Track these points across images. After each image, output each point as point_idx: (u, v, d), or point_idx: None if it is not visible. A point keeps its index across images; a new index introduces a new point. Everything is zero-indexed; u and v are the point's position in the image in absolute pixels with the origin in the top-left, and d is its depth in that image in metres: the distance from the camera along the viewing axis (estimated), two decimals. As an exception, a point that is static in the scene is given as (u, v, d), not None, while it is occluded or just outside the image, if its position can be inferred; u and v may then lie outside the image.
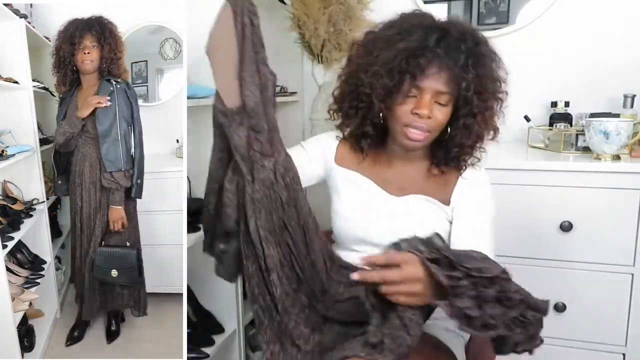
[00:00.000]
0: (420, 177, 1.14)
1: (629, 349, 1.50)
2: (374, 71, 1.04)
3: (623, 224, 1.44)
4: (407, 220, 1.10)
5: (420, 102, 1.02)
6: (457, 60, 0.99)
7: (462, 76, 1.00)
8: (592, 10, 1.88)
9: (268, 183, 0.99)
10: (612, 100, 1.84)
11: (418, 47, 1.00)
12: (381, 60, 1.03)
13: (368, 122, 1.10)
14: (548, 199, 1.50)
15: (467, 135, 1.07)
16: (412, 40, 1.00)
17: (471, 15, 2.06)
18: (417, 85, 1.01)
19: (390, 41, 1.03)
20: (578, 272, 1.51)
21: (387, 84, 1.02)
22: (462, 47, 1.00)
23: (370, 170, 1.16)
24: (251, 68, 0.98)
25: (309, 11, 1.78)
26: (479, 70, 1.01)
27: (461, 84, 1.00)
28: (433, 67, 1.00)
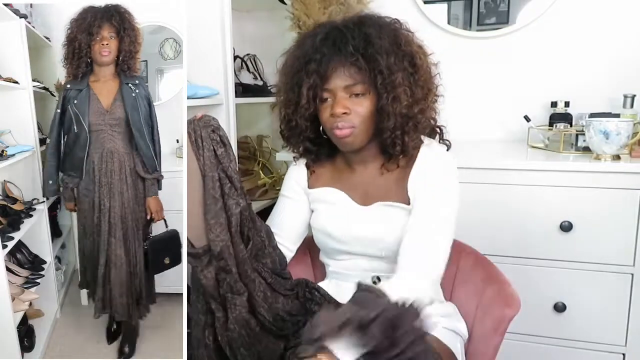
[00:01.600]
0: (378, 178, 1.13)
1: (629, 349, 1.50)
2: (285, 90, 1.10)
3: (623, 224, 1.44)
4: (377, 228, 1.10)
5: (333, 103, 1.04)
6: (346, 49, 1.00)
7: (354, 63, 1.00)
8: (592, 10, 1.87)
9: (242, 322, 0.94)
10: (612, 100, 1.84)
11: (307, 53, 1.04)
12: (289, 78, 1.09)
13: (303, 139, 1.14)
14: (548, 199, 1.50)
15: (388, 116, 1.02)
16: (303, 50, 1.05)
17: (471, 15, 2.06)
18: (326, 89, 1.04)
19: (289, 59, 1.10)
20: (578, 272, 1.51)
21: (294, 99, 1.07)
22: (348, 35, 1.01)
23: (339, 180, 1.17)
24: (214, 208, 0.94)
25: (309, 11, 1.78)
26: (368, 50, 1.00)
27: (364, 68, 1.00)
28: (330, 65, 1.01)
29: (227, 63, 1.65)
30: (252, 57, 2.24)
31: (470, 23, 2.07)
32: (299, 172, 1.23)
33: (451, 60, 1.13)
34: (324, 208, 1.17)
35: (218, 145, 0.97)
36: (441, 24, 2.03)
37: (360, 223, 1.11)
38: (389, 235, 1.08)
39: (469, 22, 2.07)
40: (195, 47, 1.62)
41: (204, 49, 1.63)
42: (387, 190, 1.11)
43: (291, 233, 1.21)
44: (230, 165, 0.98)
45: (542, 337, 1.58)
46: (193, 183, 0.96)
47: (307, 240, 1.28)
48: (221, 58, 1.63)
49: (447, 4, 2.08)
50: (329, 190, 1.17)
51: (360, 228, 1.11)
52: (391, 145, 1.06)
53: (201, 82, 1.63)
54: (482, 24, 2.05)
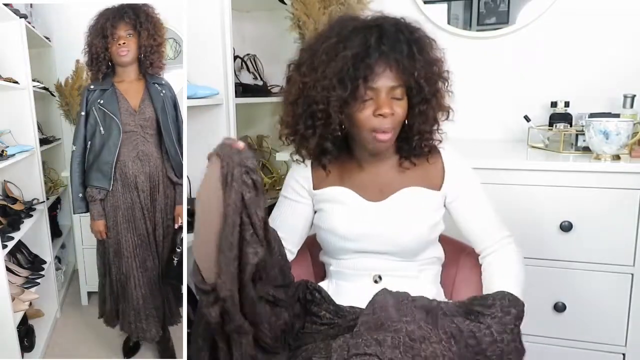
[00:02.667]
0: (396, 174, 1.15)
1: (629, 349, 1.50)
2: (324, 85, 1.02)
3: (623, 224, 1.44)
4: (391, 224, 1.10)
5: (379, 103, 1.02)
6: (402, 51, 1.00)
7: (412, 65, 1.01)
8: (592, 11, 1.87)
9: (248, 358, 0.91)
10: (612, 100, 1.84)
11: (362, 50, 1.00)
12: (330, 72, 1.01)
13: (328, 138, 1.09)
14: (548, 199, 1.50)
15: (424, 121, 1.08)
16: (354, 45, 1.00)
17: (471, 15, 2.06)
18: (372, 87, 1.02)
19: (333, 51, 1.02)
20: (578, 272, 1.51)
21: (342, 95, 1.01)
22: (402, 38, 1.01)
23: (348, 179, 1.16)
24: (228, 255, 0.83)
25: (309, 11, 1.78)
26: (423, 55, 1.03)
27: (412, 73, 1.02)
28: (381, 64, 1.01)
29: (227, 63, 1.65)
30: (252, 57, 2.23)
31: (470, 23, 2.07)
32: (302, 173, 1.20)
33: (451, 60, 1.13)
34: (332, 207, 1.15)
35: (248, 189, 0.85)
36: (441, 24, 2.03)
37: (375, 218, 1.11)
38: (406, 226, 1.10)
39: (469, 22, 2.07)
40: (195, 47, 1.62)
41: (204, 49, 1.63)
42: (406, 181, 1.13)
43: (294, 236, 1.20)
44: (257, 211, 0.86)
45: (542, 337, 1.58)
46: (211, 215, 0.85)
47: (308, 240, 1.28)
48: (221, 58, 1.63)
49: (447, 4, 2.08)
50: (337, 189, 1.16)
51: (375, 223, 1.11)
52: (419, 146, 1.11)
53: (201, 82, 1.63)
54: (482, 24, 2.05)
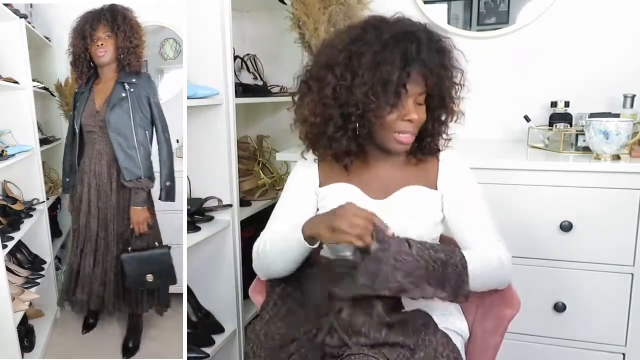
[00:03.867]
0: (401, 171, 1.16)
1: (629, 349, 1.50)
2: (364, 91, 1.03)
3: (623, 224, 1.44)
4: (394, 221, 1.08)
5: (408, 108, 1.06)
6: (434, 61, 1.04)
7: (443, 74, 1.06)
8: (592, 11, 1.88)
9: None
10: (612, 100, 1.84)
11: (404, 58, 1.02)
12: (374, 79, 1.02)
13: (353, 140, 1.10)
14: (548, 199, 1.50)
15: (440, 125, 1.15)
16: (396, 53, 1.02)
17: (471, 15, 2.06)
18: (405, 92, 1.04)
19: (375, 59, 1.02)
20: (578, 272, 1.51)
21: (386, 102, 1.03)
22: (435, 47, 1.05)
23: (354, 176, 1.17)
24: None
25: (309, 11, 1.78)
26: (449, 64, 1.08)
27: (440, 81, 1.06)
28: (416, 72, 1.03)
29: (227, 63, 1.65)
30: (252, 57, 2.23)
31: (470, 23, 2.07)
32: (308, 171, 1.21)
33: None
34: (337, 203, 1.13)
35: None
36: (441, 23, 2.03)
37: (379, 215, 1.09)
38: (409, 223, 1.10)
39: (469, 22, 2.07)
40: (195, 47, 1.62)
41: (204, 49, 1.63)
42: (410, 179, 1.15)
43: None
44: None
45: (542, 337, 1.58)
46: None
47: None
48: (221, 58, 1.63)
49: (447, 4, 2.08)
50: (342, 185, 1.17)
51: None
52: (428, 148, 1.16)
53: (201, 82, 1.63)
54: (482, 24, 2.05)
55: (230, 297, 1.78)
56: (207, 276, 1.78)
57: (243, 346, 1.83)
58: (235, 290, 1.77)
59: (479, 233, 1.12)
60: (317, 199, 1.21)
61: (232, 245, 1.75)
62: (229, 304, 1.78)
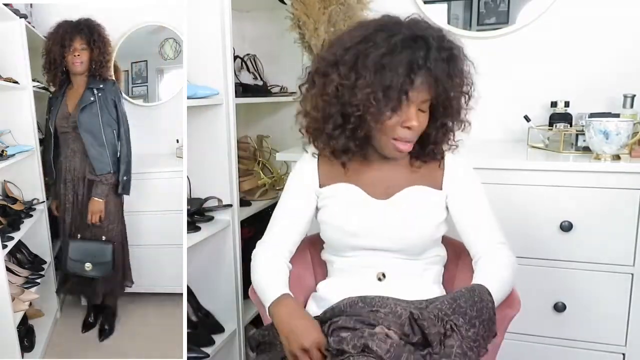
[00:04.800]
0: (404, 173, 1.16)
1: (629, 349, 1.50)
2: (366, 93, 1.01)
3: (623, 224, 1.44)
4: (398, 221, 1.12)
5: (409, 115, 1.04)
6: (442, 69, 1.01)
7: (449, 83, 1.03)
8: (592, 10, 1.87)
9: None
10: (612, 100, 1.84)
11: (409, 65, 0.99)
12: (377, 82, 1.00)
13: (354, 139, 1.09)
14: (548, 199, 1.50)
15: (444, 133, 1.12)
16: (402, 58, 0.99)
17: (471, 15, 2.06)
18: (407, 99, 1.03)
19: (380, 62, 1.00)
20: (578, 272, 1.51)
21: (386, 107, 1.01)
22: (444, 56, 1.02)
23: (354, 176, 1.16)
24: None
25: (309, 11, 1.78)
26: (457, 73, 1.05)
27: (446, 90, 1.03)
28: (421, 80, 1.01)
29: (227, 63, 1.65)
30: (252, 57, 2.23)
31: (470, 23, 2.07)
32: (308, 170, 1.21)
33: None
34: (338, 203, 1.16)
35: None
36: (441, 24, 2.03)
37: (382, 215, 1.12)
38: (412, 223, 1.11)
39: (469, 22, 2.07)
40: (195, 47, 1.62)
41: (204, 49, 1.63)
42: (414, 180, 1.15)
43: (293, 249, 1.22)
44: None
45: (542, 337, 1.58)
46: None
47: (307, 240, 1.28)
48: (221, 58, 1.63)
49: (447, 4, 2.08)
50: (344, 186, 1.16)
51: (382, 220, 1.12)
52: (431, 154, 1.15)
53: (201, 82, 1.63)
54: (482, 24, 2.05)
55: (230, 297, 1.78)
56: (207, 276, 1.78)
57: (243, 346, 1.83)
58: (235, 290, 1.77)
59: (484, 235, 1.13)
60: (317, 200, 1.20)
61: (232, 245, 1.75)
62: (229, 304, 1.78)
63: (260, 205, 2.01)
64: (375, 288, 1.08)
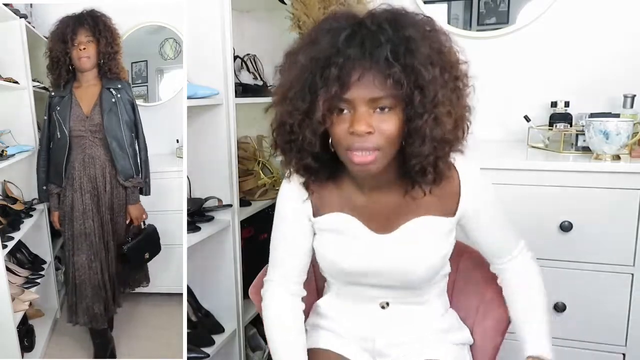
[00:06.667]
0: (402, 201, 0.98)
1: (629, 349, 1.50)
2: (290, 97, 0.87)
3: (623, 224, 1.44)
4: (400, 261, 0.99)
5: (354, 117, 0.84)
6: (379, 55, 0.81)
7: (387, 72, 0.81)
8: (592, 10, 1.87)
9: None
10: (612, 100, 1.84)
11: (326, 55, 0.83)
12: (293, 81, 0.87)
13: (305, 155, 0.92)
14: (548, 199, 1.50)
15: (421, 140, 0.85)
16: (319, 48, 0.84)
17: (471, 15, 2.06)
18: (345, 99, 0.84)
19: (298, 57, 0.87)
20: (578, 272, 1.51)
21: (302, 108, 0.86)
22: (382, 38, 0.81)
23: (349, 205, 1.00)
24: None
25: (309, 11, 1.78)
26: (408, 60, 0.81)
27: (399, 82, 0.81)
28: (355, 71, 0.82)
29: (227, 63, 1.65)
30: (252, 57, 2.23)
31: (470, 23, 2.07)
32: (296, 196, 1.03)
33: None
34: (335, 238, 1.02)
35: None
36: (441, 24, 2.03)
37: (383, 253, 0.99)
38: (418, 259, 0.98)
39: (469, 22, 2.07)
40: (195, 47, 1.62)
41: (204, 49, 1.63)
42: (420, 206, 0.97)
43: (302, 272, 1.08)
44: None
45: None
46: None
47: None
48: (221, 58, 1.63)
49: (447, 4, 2.08)
50: (339, 216, 1.01)
51: (383, 259, 0.99)
52: (420, 173, 0.89)
53: (201, 82, 1.63)
54: (482, 24, 2.05)
55: (230, 297, 1.77)
56: (207, 276, 1.78)
57: (243, 346, 1.83)
58: (235, 290, 1.77)
59: (507, 246, 1.06)
60: (312, 228, 1.05)
61: (232, 245, 1.75)
62: (229, 304, 1.78)
63: (260, 205, 2.01)
64: (378, 314, 1.06)
